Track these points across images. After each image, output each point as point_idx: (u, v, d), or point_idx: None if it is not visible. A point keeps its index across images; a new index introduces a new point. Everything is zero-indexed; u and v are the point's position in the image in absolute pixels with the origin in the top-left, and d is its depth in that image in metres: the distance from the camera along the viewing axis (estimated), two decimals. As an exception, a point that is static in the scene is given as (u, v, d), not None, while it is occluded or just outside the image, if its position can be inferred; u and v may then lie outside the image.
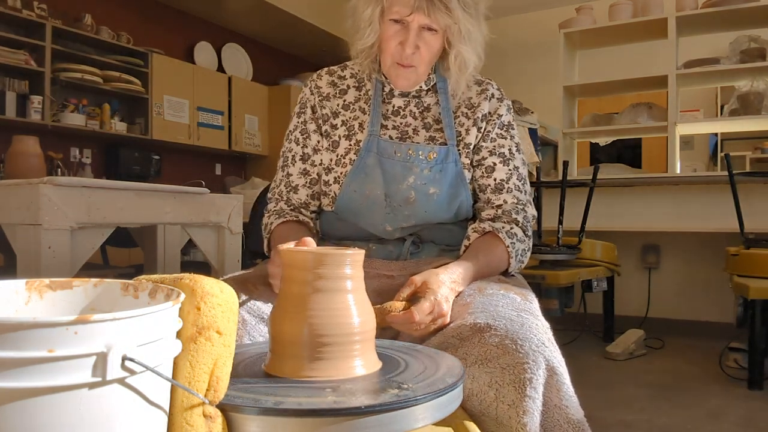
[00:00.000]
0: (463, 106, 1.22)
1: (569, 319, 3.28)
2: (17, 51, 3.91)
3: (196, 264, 2.93)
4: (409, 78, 1.16)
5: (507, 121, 1.22)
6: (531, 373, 0.77)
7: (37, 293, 0.58)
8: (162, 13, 5.07)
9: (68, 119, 4.20)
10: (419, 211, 1.14)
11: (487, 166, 1.19)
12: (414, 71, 1.15)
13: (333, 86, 1.25)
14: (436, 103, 1.21)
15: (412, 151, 1.15)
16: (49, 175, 1.80)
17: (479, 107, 1.20)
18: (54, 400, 0.43)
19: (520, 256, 1.15)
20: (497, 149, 1.19)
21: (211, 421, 0.55)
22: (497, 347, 0.80)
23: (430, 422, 0.61)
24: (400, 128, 1.20)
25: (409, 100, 1.22)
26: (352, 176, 1.16)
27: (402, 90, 1.20)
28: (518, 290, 1.02)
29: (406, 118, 1.20)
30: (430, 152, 1.15)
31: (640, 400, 2.40)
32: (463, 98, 1.21)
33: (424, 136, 1.19)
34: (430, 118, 1.20)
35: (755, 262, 2.65)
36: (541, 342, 0.82)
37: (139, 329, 0.47)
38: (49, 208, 1.52)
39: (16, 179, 1.70)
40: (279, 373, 0.67)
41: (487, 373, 0.79)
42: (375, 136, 1.16)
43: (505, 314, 0.87)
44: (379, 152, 1.15)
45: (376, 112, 1.19)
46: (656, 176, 3.63)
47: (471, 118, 1.20)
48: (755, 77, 3.59)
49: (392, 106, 1.21)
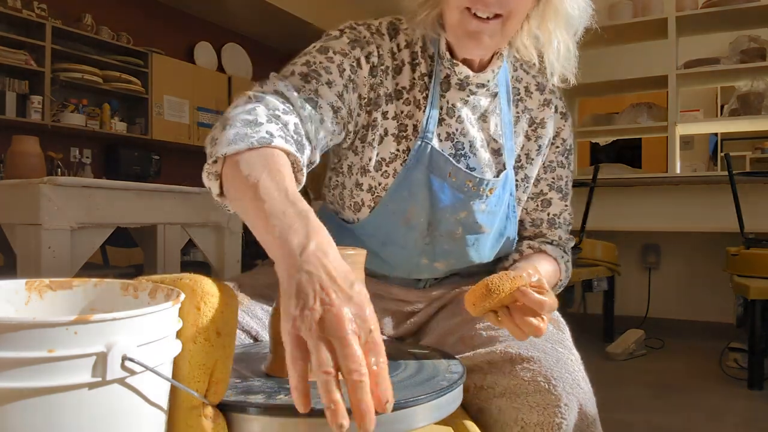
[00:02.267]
0: (523, 120, 0.97)
1: (569, 319, 3.27)
2: (17, 51, 3.91)
3: (196, 264, 2.93)
4: (485, 40, 0.83)
5: (569, 144, 1.02)
6: (561, 417, 0.72)
7: (37, 293, 0.58)
8: (162, 13, 5.07)
9: (68, 119, 4.20)
10: (460, 249, 0.94)
11: (544, 200, 1.02)
12: (499, 26, 0.82)
13: (392, 57, 0.92)
14: (494, 109, 0.95)
15: (471, 182, 0.90)
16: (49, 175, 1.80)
17: (543, 126, 0.98)
18: (54, 400, 0.43)
19: (563, 279, 1.02)
20: (557, 182, 1.01)
21: (211, 421, 0.55)
22: (529, 383, 0.74)
23: (430, 422, 0.61)
24: (455, 137, 0.93)
25: (468, 97, 0.93)
26: (394, 191, 0.90)
27: (476, 58, 0.89)
28: (551, 318, 0.90)
29: (462, 124, 0.93)
30: (492, 187, 0.91)
31: (640, 400, 2.40)
32: (521, 108, 0.97)
33: (484, 159, 0.93)
34: (488, 131, 0.95)
35: (755, 262, 2.65)
36: (576, 382, 0.76)
37: (139, 329, 0.47)
38: (49, 208, 1.52)
39: (16, 179, 1.70)
40: (279, 373, 0.67)
41: (514, 408, 0.75)
42: (428, 143, 0.89)
43: (539, 345, 0.78)
44: (431, 166, 0.89)
45: (434, 106, 0.91)
46: (656, 176, 3.62)
47: (533, 139, 0.98)
48: (755, 77, 3.59)
49: (447, 103, 0.93)
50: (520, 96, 0.98)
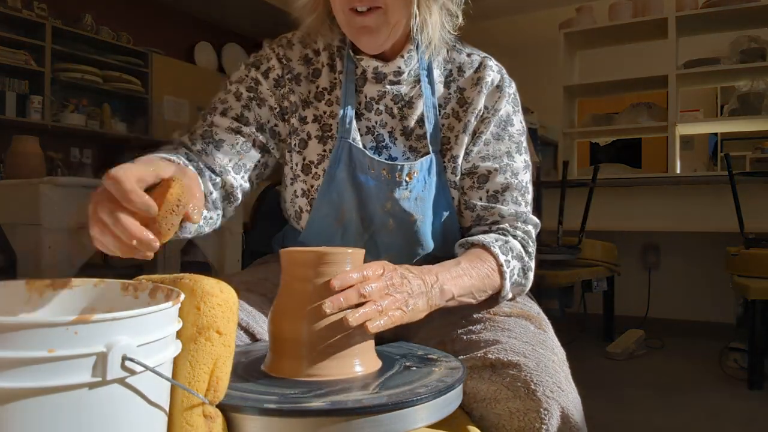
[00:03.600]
0: (454, 101, 0.97)
1: (569, 319, 3.28)
2: (17, 51, 3.91)
3: (196, 264, 2.93)
4: (375, 29, 0.86)
5: (506, 115, 0.97)
6: (542, 422, 0.71)
7: (37, 293, 0.58)
8: (162, 13, 5.07)
9: (68, 119, 4.20)
10: (399, 240, 0.94)
11: (480, 175, 0.96)
12: (381, 16, 0.85)
13: (306, 63, 0.98)
14: (418, 95, 0.96)
15: (385, 170, 0.91)
16: (49, 175, 1.80)
17: (472, 103, 0.95)
18: (54, 400, 0.43)
19: (517, 277, 0.91)
20: (492, 154, 0.96)
21: (211, 421, 0.55)
22: (508, 388, 0.73)
23: (430, 422, 0.61)
24: (374, 130, 0.95)
25: (385, 88, 0.95)
26: (322, 196, 0.93)
27: (372, 52, 0.91)
28: (532, 315, 0.88)
29: (381, 116, 0.96)
30: (410, 171, 0.91)
31: (640, 400, 2.40)
32: (453, 88, 0.97)
33: (402, 146, 0.95)
34: (411, 119, 0.96)
35: (755, 262, 2.65)
36: (558, 385, 0.74)
37: (139, 329, 0.47)
38: (49, 208, 1.52)
39: (16, 179, 1.70)
40: (278, 372, 0.67)
41: (495, 414, 0.74)
42: (346, 140, 0.92)
43: (518, 348, 0.77)
44: (352, 163, 0.92)
45: (349, 103, 0.93)
46: (656, 176, 3.63)
47: (462, 119, 0.95)
48: (755, 77, 3.59)
49: (365, 97, 0.95)
50: (453, 77, 0.98)
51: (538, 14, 5.34)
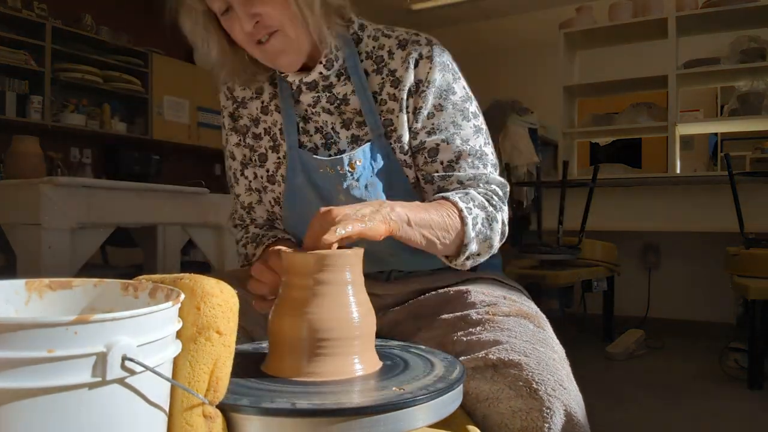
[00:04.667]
0: (388, 84, 0.97)
1: (569, 319, 3.28)
2: (17, 51, 3.91)
3: (196, 264, 2.93)
4: (283, 50, 0.92)
5: (445, 84, 0.96)
6: (545, 422, 0.71)
7: (37, 293, 0.58)
8: (162, 13, 5.07)
9: (68, 119, 4.21)
10: None
11: (430, 149, 0.95)
12: (282, 36, 0.90)
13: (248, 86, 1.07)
14: (352, 90, 0.98)
15: (329, 167, 0.95)
16: (49, 175, 1.80)
17: (403, 81, 0.95)
18: (54, 400, 0.43)
19: (481, 227, 0.88)
20: (438, 126, 0.95)
21: (211, 421, 0.55)
22: (510, 388, 0.74)
23: (430, 422, 0.61)
24: (323, 129, 1.00)
25: (319, 93, 1.00)
26: (288, 204, 1.00)
27: (292, 69, 0.96)
28: (531, 314, 0.88)
29: (321, 116, 1.00)
30: (351, 161, 0.94)
31: (640, 400, 2.40)
32: (385, 72, 0.97)
33: (346, 139, 0.99)
34: (349, 112, 0.99)
35: (755, 262, 2.65)
36: (560, 383, 0.74)
37: (139, 329, 0.47)
38: (49, 208, 1.52)
39: (16, 179, 1.70)
40: (278, 372, 0.67)
41: (498, 414, 0.74)
42: (294, 149, 0.99)
43: (519, 347, 0.77)
44: (305, 168, 0.98)
45: (289, 117, 1.00)
46: (656, 176, 3.63)
47: (397, 99, 0.96)
48: (755, 77, 3.59)
49: (303, 104, 1.01)
50: (384, 61, 0.98)
51: (538, 14, 5.34)
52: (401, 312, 0.99)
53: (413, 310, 0.98)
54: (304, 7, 0.89)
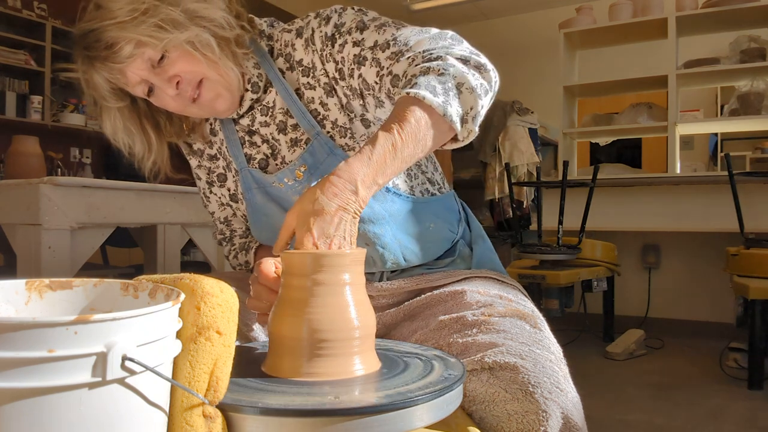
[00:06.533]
0: (302, 76, 0.96)
1: (569, 319, 3.28)
2: (17, 51, 3.91)
3: (196, 264, 2.93)
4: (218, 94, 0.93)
5: (333, 26, 0.91)
6: (541, 424, 0.71)
7: (37, 293, 0.58)
8: (162, 13, 5.07)
9: (68, 119, 4.21)
10: None
11: (354, 88, 0.90)
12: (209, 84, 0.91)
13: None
14: (277, 94, 0.99)
15: (277, 182, 0.97)
16: (49, 175, 1.80)
17: (304, 62, 0.95)
18: (54, 400, 0.43)
19: (441, 86, 0.74)
20: (345, 61, 0.89)
21: (211, 421, 0.55)
22: (505, 390, 0.74)
23: (430, 422, 0.61)
24: (269, 141, 1.01)
25: (253, 109, 1.02)
26: (253, 220, 1.02)
27: (232, 112, 0.99)
28: (527, 314, 0.87)
29: (260, 130, 1.01)
30: (295, 170, 0.96)
31: (640, 400, 2.40)
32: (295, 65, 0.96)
33: (286, 144, 0.99)
34: (281, 116, 0.99)
35: (755, 262, 2.65)
36: (557, 385, 0.74)
37: (139, 329, 0.47)
38: (49, 208, 1.52)
39: (16, 179, 1.70)
40: (278, 373, 0.67)
41: (494, 416, 0.73)
42: (245, 169, 1.01)
43: (515, 350, 0.77)
44: (259, 185, 1.00)
45: (232, 141, 1.02)
46: (656, 176, 3.62)
47: (315, 87, 0.95)
48: (755, 77, 3.59)
49: (242, 124, 1.03)
50: (293, 57, 0.97)
51: (538, 14, 5.35)
52: (396, 314, 0.98)
53: (408, 312, 0.97)
54: (207, 53, 0.89)
